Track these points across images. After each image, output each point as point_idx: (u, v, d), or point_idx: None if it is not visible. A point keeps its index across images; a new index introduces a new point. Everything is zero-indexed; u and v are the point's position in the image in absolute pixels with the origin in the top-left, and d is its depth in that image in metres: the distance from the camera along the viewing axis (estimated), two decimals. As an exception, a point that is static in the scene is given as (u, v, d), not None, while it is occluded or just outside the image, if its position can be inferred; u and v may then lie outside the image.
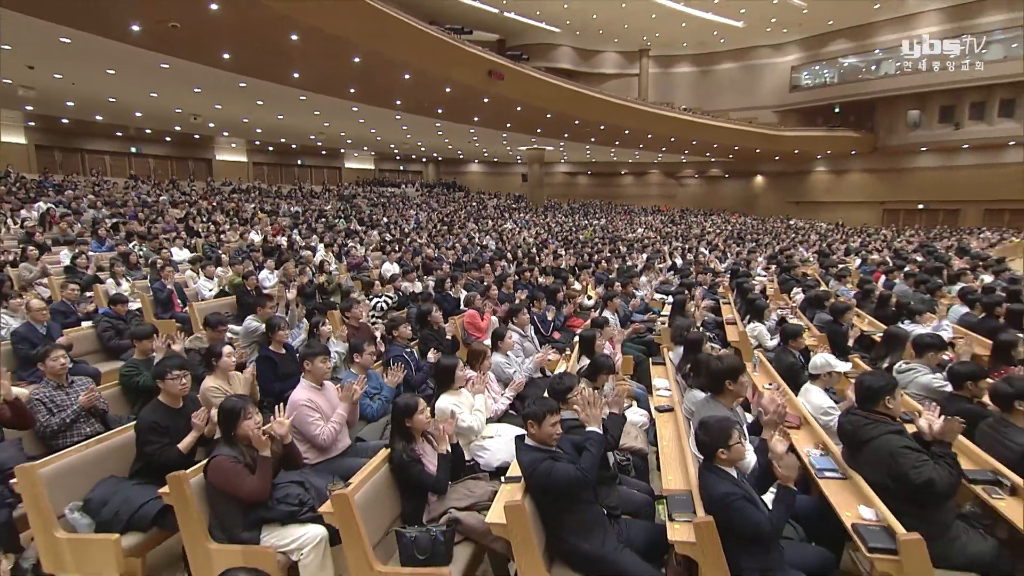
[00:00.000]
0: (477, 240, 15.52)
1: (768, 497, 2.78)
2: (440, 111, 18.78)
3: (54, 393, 3.68)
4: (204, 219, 13.55)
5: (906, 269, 10.14)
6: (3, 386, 3.38)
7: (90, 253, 8.85)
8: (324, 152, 28.94)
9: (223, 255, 9.59)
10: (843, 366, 4.25)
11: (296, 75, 14.03)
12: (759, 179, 35.64)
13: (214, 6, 10.03)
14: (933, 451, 2.86)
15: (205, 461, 3.01)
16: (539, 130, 23.10)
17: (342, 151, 29.61)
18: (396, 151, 30.47)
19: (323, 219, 15.89)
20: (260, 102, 16.45)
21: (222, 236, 11.86)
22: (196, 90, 14.99)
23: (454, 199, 26.80)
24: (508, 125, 21.85)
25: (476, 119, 20.45)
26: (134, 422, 3.44)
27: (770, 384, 4.56)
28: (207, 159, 24.99)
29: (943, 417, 2.92)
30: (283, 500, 2.97)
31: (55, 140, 21.28)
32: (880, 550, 2.45)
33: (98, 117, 19.54)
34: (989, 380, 3.73)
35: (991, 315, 6.21)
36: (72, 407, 3.65)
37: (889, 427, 3.00)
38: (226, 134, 23.39)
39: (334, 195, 21.81)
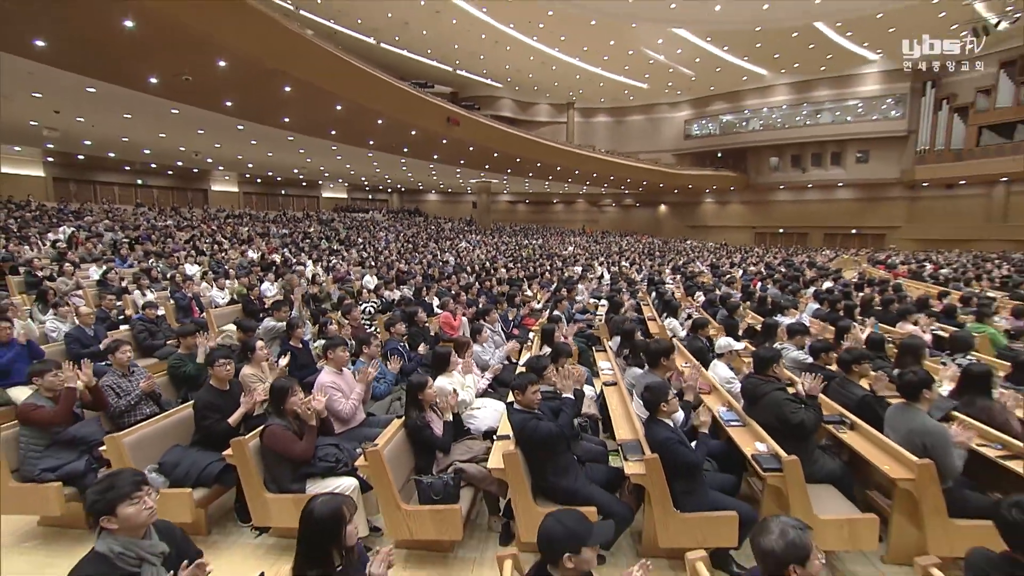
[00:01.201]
0: (439, 257, 15.61)
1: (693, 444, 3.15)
2: (406, 150, 18.66)
3: (119, 380, 3.68)
4: (208, 240, 13.17)
5: (775, 277, 10.94)
6: (88, 375, 3.41)
7: (116, 269, 8.63)
8: (304, 183, 28.23)
9: (230, 270, 9.47)
10: (739, 346, 4.71)
11: (287, 120, 13.75)
12: (663, 207, 36.14)
13: (223, 63, 9.84)
14: (805, 402, 3.33)
15: (260, 429, 3.09)
16: (487, 166, 23.20)
17: (320, 182, 28.92)
18: (366, 182, 29.94)
19: (308, 240, 15.64)
20: (254, 141, 16.02)
21: (226, 254, 11.59)
22: (200, 131, 14.51)
23: (415, 223, 26.46)
24: (462, 162, 21.87)
25: (435, 157, 20.40)
26: (192, 402, 3.50)
27: (687, 363, 4.96)
28: (203, 189, 24.12)
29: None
30: (323, 459, 3.08)
31: (71, 173, 20.13)
32: (770, 469, 2.83)
33: (111, 154, 18.59)
34: (834, 353, 4.20)
35: (833, 309, 6.81)
36: (135, 392, 3.64)
37: (776, 385, 3.43)
38: (221, 168, 22.52)
39: (315, 220, 21.27)
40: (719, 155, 31.92)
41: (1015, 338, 5.41)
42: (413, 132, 15.89)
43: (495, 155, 20.61)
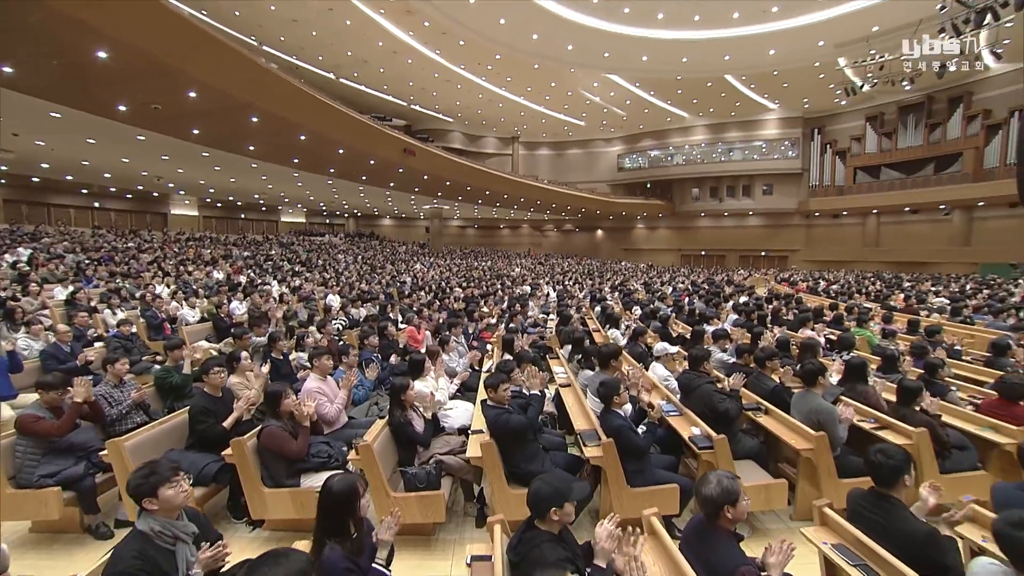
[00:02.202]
0: (397, 278, 15.56)
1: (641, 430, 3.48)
2: (364, 178, 18.56)
3: (112, 391, 3.66)
4: (172, 261, 12.61)
5: (700, 293, 11.71)
6: (88, 390, 3.38)
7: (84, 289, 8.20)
8: (264, 208, 27.26)
9: (199, 289, 9.18)
10: (673, 349, 5.14)
11: (251, 148, 13.40)
12: (599, 232, 36.89)
13: (193, 94, 9.59)
14: (729, 394, 3.75)
15: (257, 429, 3.17)
16: (440, 193, 23.31)
17: (279, 207, 28.02)
18: (324, 208, 29.30)
19: (270, 261, 15.24)
20: (218, 168, 15.44)
21: (192, 275, 11.15)
22: (164, 157, 13.86)
23: (372, 246, 26.14)
24: (416, 189, 21.89)
25: (392, 184, 20.37)
26: (186, 410, 3.52)
27: (630, 367, 5.34)
28: (163, 212, 22.76)
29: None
30: (316, 455, 3.19)
31: (23, 195, 18.55)
32: (704, 447, 3.20)
33: (68, 177, 17.33)
34: (751, 354, 4.68)
35: (749, 318, 7.48)
36: (126, 401, 3.64)
37: (706, 380, 3.83)
38: (183, 192, 21.31)
39: (275, 243, 20.64)
40: (648, 185, 33.08)
41: (885, 338, 6.17)
42: (372, 161, 15.86)
43: (448, 183, 20.79)
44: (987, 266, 21.17)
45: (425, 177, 19.06)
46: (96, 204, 21.11)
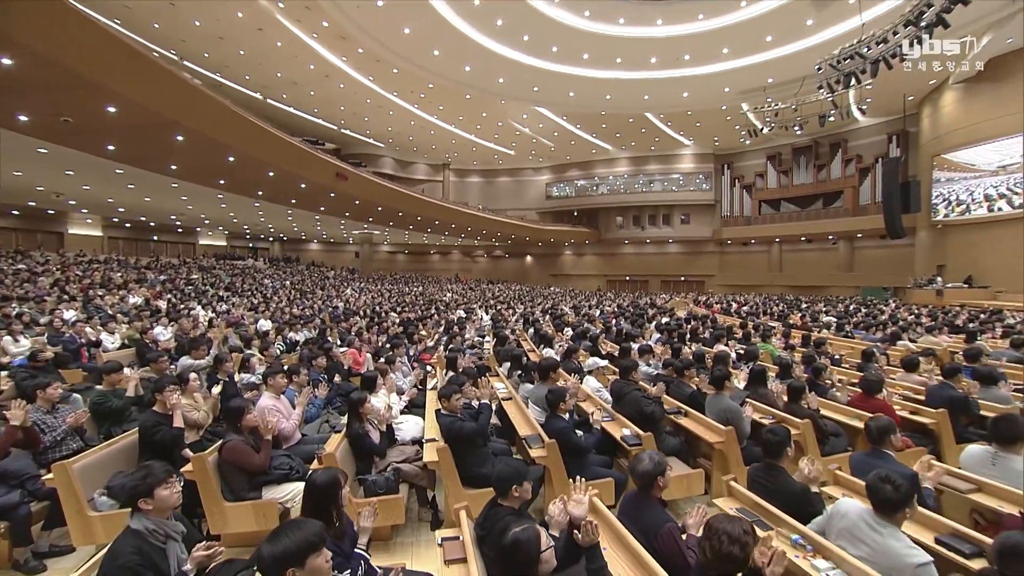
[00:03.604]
0: (328, 303, 15.31)
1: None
2: (294, 201, 18.16)
3: (44, 417, 3.57)
4: (75, 285, 11.67)
5: (625, 314, 12.61)
6: (25, 414, 3.30)
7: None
8: (180, 230, 25.53)
9: (117, 314, 8.68)
10: (603, 363, 5.69)
11: (174, 167, 12.72)
12: (529, 258, 38.00)
13: (112, 109, 9.09)
14: (654, 399, 4.30)
15: (218, 444, 3.28)
16: (371, 218, 23.17)
17: (198, 229, 26.33)
18: (248, 230, 27.95)
19: (191, 286, 14.48)
20: (131, 186, 14.41)
21: (103, 299, 10.43)
22: (69, 173, 12.79)
23: (298, 271, 25.30)
24: (347, 214, 21.66)
25: (322, 208, 20.09)
26: (136, 430, 3.52)
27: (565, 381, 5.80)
28: (59, 232, 20.61)
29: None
30: (278, 467, 3.31)
31: None
32: (634, 445, 3.71)
33: (-63, 190, 15.41)
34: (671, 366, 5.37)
35: (670, 336, 8.36)
36: (61, 427, 3.56)
37: (635, 387, 4.36)
38: (85, 210, 19.48)
39: (195, 266, 19.46)
40: (575, 214, 34.45)
41: (784, 350, 7.14)
42: (303, 185, 15.64)
43: (379, 209, 20.79)
44: (867, 289, 24.35)
45: (357, 202, 18.99)
46: (-26, 221, 18.84)
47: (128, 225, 22.79)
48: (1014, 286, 16.57)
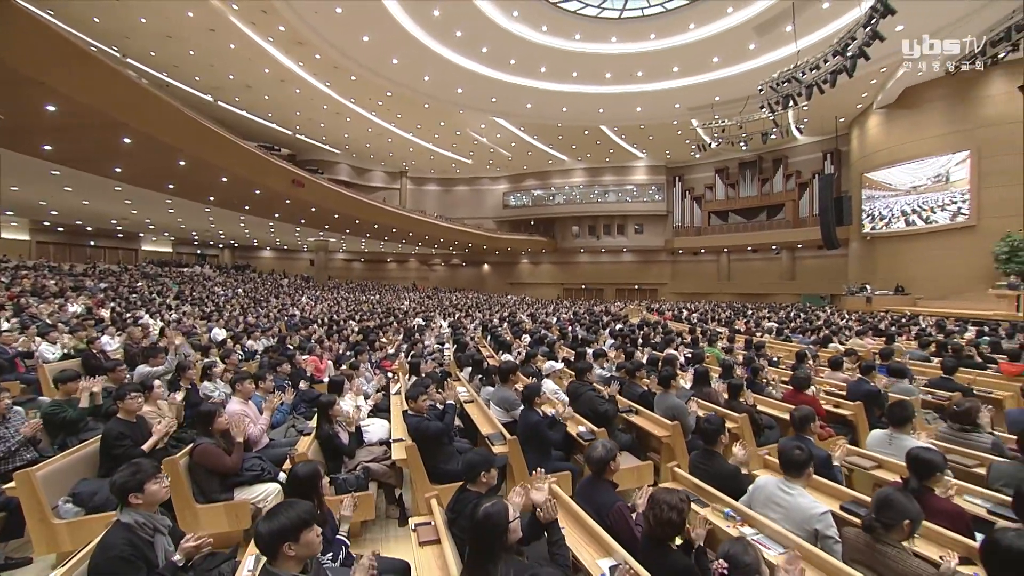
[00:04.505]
0: (284, 312, 15.02)
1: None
2: (247, 208, 17.70)
3: (-7, 428, 3.55)
4: (2, 293, 11.00)
5: (581, 321, 13.06)
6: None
7: None
8: (121, 235, 24.17)
9: (58, 323, 8.31)
10: (560, 366, 6.02)
11: (118, 169, 12.19)
12: (486, 266, 38.36)
13: (51, 108, 8.73)
14: (608, 399, 4.65)
15: (190, 447, 3.36)
16: (327, 226, 22.91)
17: (141, 235, 25.03)
18: (196, 237, 26.80)
19: (135, 294, 13.89)
20: (69, 188, 13.71)
21: (39, 308, 9.90)
22: None
23: (251, 278, 24.54)
24: (303, 221, 21.34)
25: (277, 215, 19.68)
26: (100, 437, 3.49)
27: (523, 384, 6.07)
28: None
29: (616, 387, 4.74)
30: (249, 469, 3.42)
31: None
32: (589, 440, 4.04)
33: None
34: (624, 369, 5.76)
35: (623, 341, 8.82)
36: (13, 438, 3.53)
37: (590, 388, 4.70)
38: (10, 213, 18.21)
39: (139, 274, 18.51)
40: (532, 223, 35.05)
41: (727, 352, 7.70)
42: (257, 191, 15.33)
43: (336, 216, 20.60)
44: (806, 296, 26.05)
45: (313, 209, 18.75)
46: None
47: (61, 229, 21.46)
48: (931, 293, 18.31)
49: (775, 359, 7.61)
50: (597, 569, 2.15)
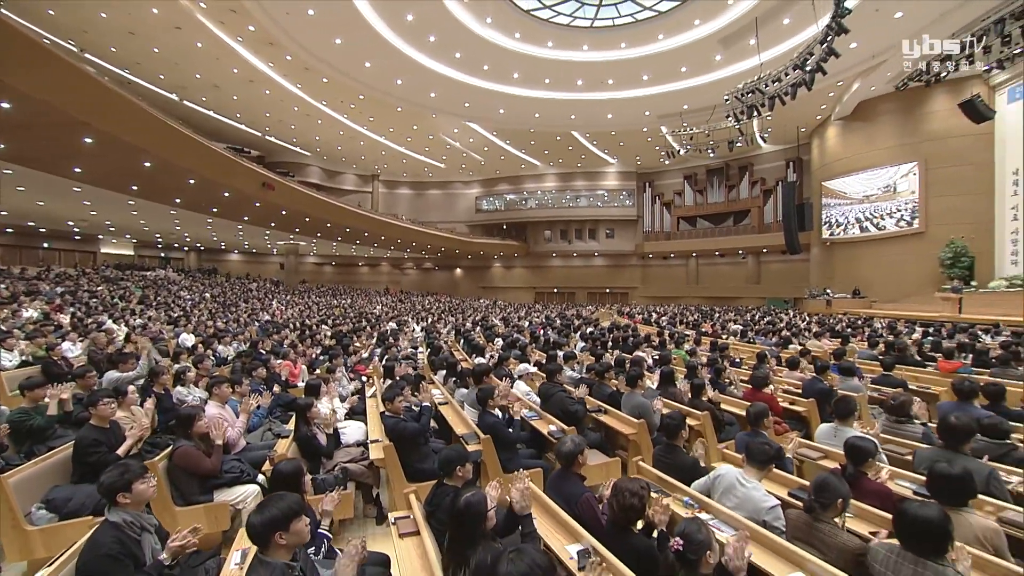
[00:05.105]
0: (254, 316, 14.81)
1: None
2: (215, 210, 17.33)
3: (-45, 435, 3.52)
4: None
5: (553, 325, 13.33)
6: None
7: None
8: (78, 237, 23.23)
9: (13, 329, 8.08)
10: (532, 368, 6.22)
11: (78, 170, 11.80)
12: (459, 270, 38.29)
13: (5, 104, 8.48)
14: (577, 400, 4.86)
15: (169, 450, 3.40)
16: (298, 229, 22.63)
17: (100, 236, 24.06)
18: (160, 239, 25.99)
19: (95, 299, 13.48)
20: (21, 188, 13.17)
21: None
22: None
23: (217, 282, 23.95)
24: (273, 224, 21.03)
25: (246, 218, 19.33)
26: (72, 444, 3.48)
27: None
28: None
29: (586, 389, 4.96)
30: (229, 471, 3.49)
31: None
32: (558, 437, 4.26)
33: None
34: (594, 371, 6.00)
35: (594, 344, 9.12)
36: (-21, 446, 3.54)
37: (560, 389, 4.91)
38: None
39: (98, 277, 17.77)
40: (504, 227, 35.40)
41: (691, 355, 8.05)
42: (226, 194, 15.06)
43: (307, 219, 20.37)
44: (771, 300, 27.02)
45: (284, 212, 18.52)
46: None
47: (11, 230, 20.57)
48: (885, 296, 19.33)
49: (738, 360, 7.98)
50: (566, 553, 2.33)
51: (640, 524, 2.41)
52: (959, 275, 16.65)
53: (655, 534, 2.36)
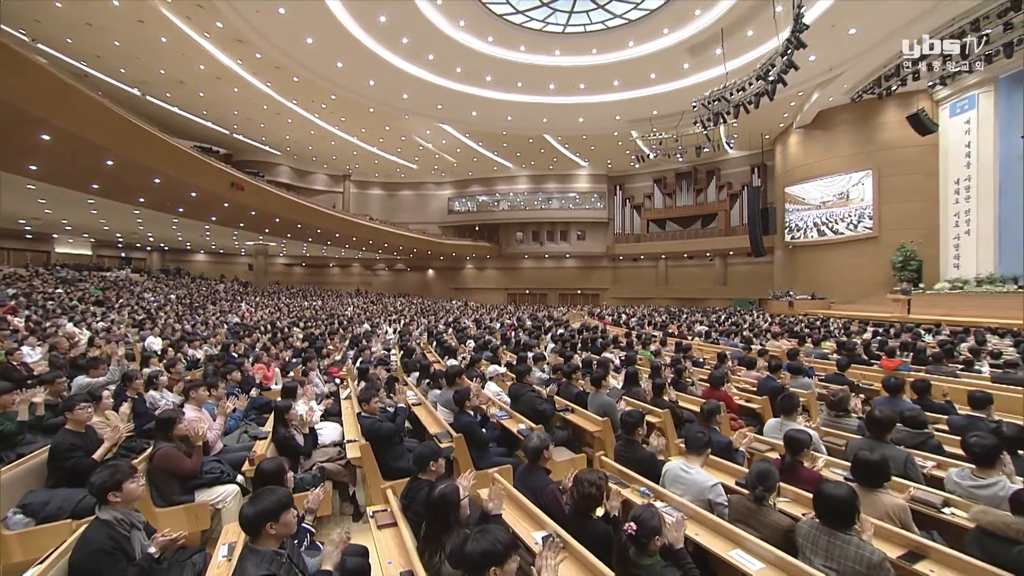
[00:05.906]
0: (222, 318, 14.60)
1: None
2: (181, 210, 16.96)
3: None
4: None
5: (524, 327, 13.59)
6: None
7: None
8: (31, 236, 22.28)
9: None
10: (502, 370, 6.45)
11: (33, 167, 11.41)
12: (431, 272, 38.28)
13: None
14: (546, 399, 5.12)
15: (149, 451, 3.49)
16: (267, 230, 22.31)
17: (55, 236, 23.14)
18: (120, 239, 25.14)
19: (52, 300, 13.09)
20: None
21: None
22: None
23: (183, 283, 23.38)
24: (241, 225, 20.70)
25: (214, 219, 18.98)
26: (48, 449, 3.50)
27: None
28: None
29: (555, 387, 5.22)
30: (209, 471, 3.61)
31: None
32: (527, 435, 4.51)
33: None
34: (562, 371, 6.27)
35: (564, 346, 9.40)
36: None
37: (529, 389, 5.15)
38: None
39: (54, 278, 17.18)
40: (477, 228, 35.69)
41: (656, 355, 8.42)
42: (193, 193, 14.79)
43: (276, 220, 20.14)
44: (737, 301, 27.99)
45: (253, 212, 18.28)
46: None
47: (-45, 230, 19.64)
48: (842, 298, 20.35)
49: (702, 360, 8.39)
50: (531, 540, 2.58)
51: (600, 511, 2.67)
52: (908, 278, 17.69)
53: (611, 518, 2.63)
